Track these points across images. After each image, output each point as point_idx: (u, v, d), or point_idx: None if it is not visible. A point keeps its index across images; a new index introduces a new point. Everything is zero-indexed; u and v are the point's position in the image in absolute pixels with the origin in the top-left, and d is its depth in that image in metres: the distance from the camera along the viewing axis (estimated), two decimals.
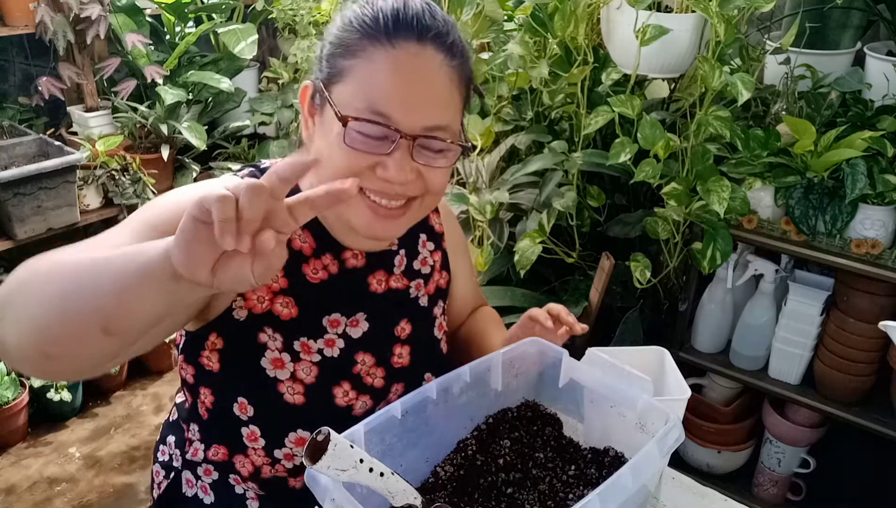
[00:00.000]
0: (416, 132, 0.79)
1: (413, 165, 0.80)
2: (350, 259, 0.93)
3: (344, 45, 0.80)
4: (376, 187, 0.81)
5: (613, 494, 0.68)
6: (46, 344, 0.63)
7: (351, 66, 0.79)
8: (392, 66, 0.77)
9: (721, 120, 1.57)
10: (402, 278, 0.99)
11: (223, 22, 2.70)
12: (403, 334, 0.99)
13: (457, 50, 0.81)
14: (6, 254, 2.32)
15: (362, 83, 0.78)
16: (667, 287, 1.87)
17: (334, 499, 0.67)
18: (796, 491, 1.94)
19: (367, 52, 0.78)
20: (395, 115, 0.77)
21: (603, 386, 0.89)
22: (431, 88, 0.79)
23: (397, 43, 0.77)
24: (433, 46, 0.79)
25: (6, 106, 2.50)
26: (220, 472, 0.95)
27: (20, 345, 0.64)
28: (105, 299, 0.61)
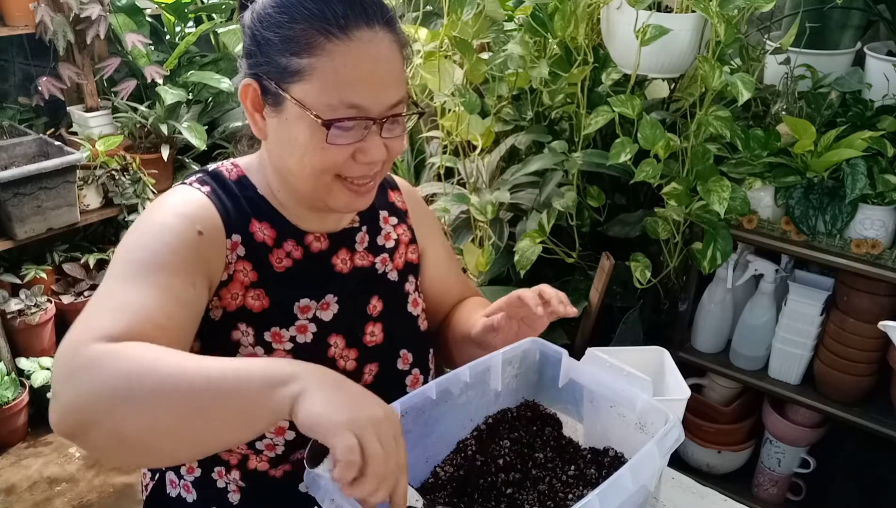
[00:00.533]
0: (383, 113, 0.83)
1: (383, 141, 0.85)
2: (313, 242, 0.94)
3: (294, 42, 0.80)
4: (360, 173, 0.86)
5: (613, 494, 0.68)
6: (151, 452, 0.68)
7: (310, 64, 0.80)
8: (354, 59, 0.80)
9: (721, 120, 1.57)
10: (367, 254, 1.00)
11: (223, 22, 2.70)
12: (375, 311, 1.00)
13: (396, 22, 0.85)
14: (6, 253, 2.32)
15: (328, 80, 0.79)
16: (667, 287, 1.87)
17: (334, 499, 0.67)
18: (796, 491, 1.94)
19: (326, 49, 0.79)
20: (366, 104, 0.81)
21: (603, 386, 0.89)
22: (389, 68, 0.83)
23: (351, 33, 0.79)
24: (380, 27, 0.82)
25: (6, 106, 2.50)
26: (204, 467, 0.95)
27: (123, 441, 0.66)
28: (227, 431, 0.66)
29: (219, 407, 0.64)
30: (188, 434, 0.65)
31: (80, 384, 0.66)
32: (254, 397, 0.64)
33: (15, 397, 2.22)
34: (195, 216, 0.85)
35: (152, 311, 0.74)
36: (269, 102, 0.84)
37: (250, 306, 0.89)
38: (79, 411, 0.65)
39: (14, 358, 2.28)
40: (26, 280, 2.33)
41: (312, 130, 0.81)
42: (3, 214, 2.17)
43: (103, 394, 0.64)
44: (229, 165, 0.95)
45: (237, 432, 0.67)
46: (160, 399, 0.64)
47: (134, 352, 0.67)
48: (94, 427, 0.64)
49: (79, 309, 2.40)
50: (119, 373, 0.65)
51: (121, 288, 0.76)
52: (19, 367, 2.28)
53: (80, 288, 2.44)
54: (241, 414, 0.65)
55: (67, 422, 0.65)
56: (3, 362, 2.23)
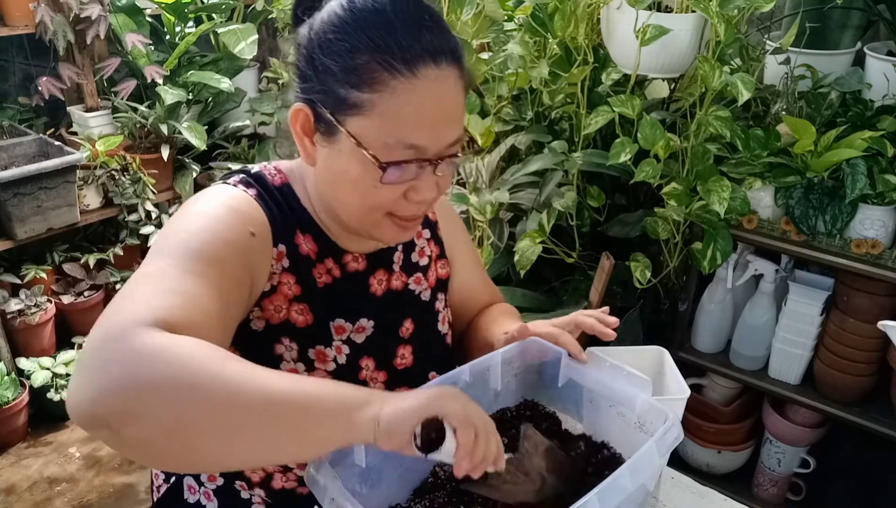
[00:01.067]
0: (441, 153, 0.79)
1: (436, 179, 0.81)
2: (351, 262, 0.92)
3: (357, 75, 0.75)
4: (412, 212, 0.83)
5: (612, 494, 0.68)
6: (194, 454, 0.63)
7: (370, 99, 0.75)
8: (418, 98, 0.75)
9: (721, 120, 1.57)
10: (402, 275, 0.98)
11: (223, 22, 2.70)
12: (407, 334, 0.98)
13: (463, 58, 0.80)
14: (6, 253, 2.32)
15: (389, 119, 0.75)
16: (667, 287, 1.87)
17: (334, 499, 0.67)
18: (796, 491, 1.94)
19: (389, 86, 0.74)
20: (425, 144, 0.77)
21: (602, 386, 0.89)
22: (452, 107, 0.79)
23: (417, 71, 0.74)
24: (447, 64, 0.77)
25: (6, 106, 2.50)
26: (226, 478, 0.93)
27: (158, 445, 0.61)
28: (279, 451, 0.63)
29: (291, 425, 0.62)
30: (246, 445, 0.62)
31: (131, 369, 0.59)
32: (331, 418, 0.62)
33: (15, 397, 2.22)
34: (247, 216, 0.82)
35: (204, 303, 0.70)
36: (322, 131, 0.80)
37: (294, 320, 0.87)
38: (127, 396, 0.59)
39: (14, 358, 2.28)
40: (26, 280, 2.33)
41: (366, 167, 0.77)
42: (3, 214, 2.17)
43: (164, 386, 0.59)
44: (272, 169, 0.90)
45: (305, 452, 0.66)
46: (227, 404, 0.60)
47: (200, 348, 0.62)
48: (140, 419, 0.59)
49: (79, 309, 2.42)
50: (184, 366, 0.60)
51: (172, 273, 0.71)
52: (19, 367, 2.28)
53: (80, 288, 2.44)
54: (319, 436, 0.63)
55: (108, 407, 0.59)
56: (3, 362, 2.23)
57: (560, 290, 1.94)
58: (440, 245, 1.05)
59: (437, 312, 1.03)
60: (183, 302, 0.67)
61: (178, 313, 0.66)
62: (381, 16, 0.75)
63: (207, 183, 2.71)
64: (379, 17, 0.75)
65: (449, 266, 1.06)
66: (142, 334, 0.61)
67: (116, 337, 0.61)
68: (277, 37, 2.85)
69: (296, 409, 0.62)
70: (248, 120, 2.76)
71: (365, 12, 0.76)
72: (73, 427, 2.38)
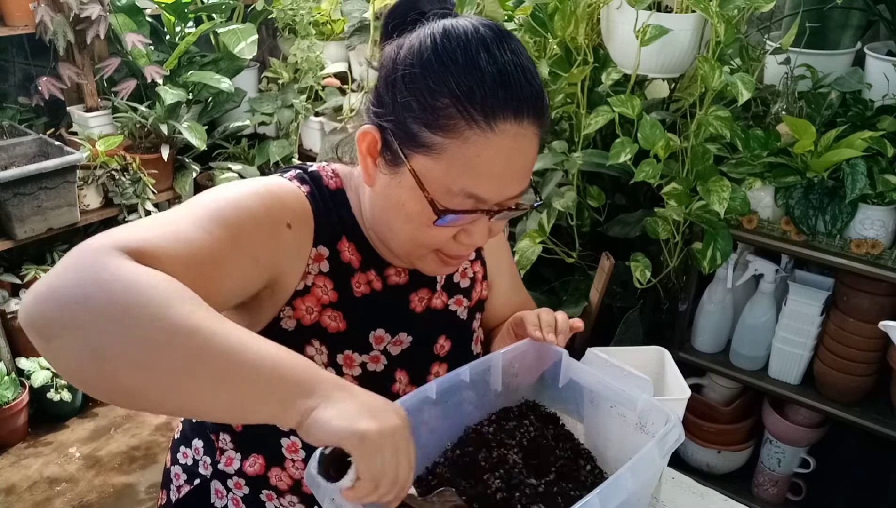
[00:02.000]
0: (502, 204, 0.78)
1: (490, 225, 0.80)
2: (392, 275, 0.91)
3: (433, 116, 0.72)
4: (456, 253, 0.82)
5: (613, 494, 0.68)
6: (125, 389, 0.59)
7: (442, 144, 0.73)
8: (491, 153, 0.73)
9: (721, 120, 1.57)
10: (443, 294, 0.97)
11: (223, 22, 2.70)
12: (442, 352, 0.98)
13: (546, 112, 0.77)
14: (6, 253, 2.32)
15: (456, 167, 0.73)
16: (667, 287, 1.87)
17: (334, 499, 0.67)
18: (796, 491, 1.94)
19: (464, 136, 0.72)
20: (488, 197, 0.76)
21: (603, 386, 0.89)
22: (523, 164, 0.77)
23: (496, 126, 0.72)
24: (528, 121, 0.74)
25: (6, 106, 2.50)
26: (252, 487, 0.92)
27: (87, 367, 0.58)
28: (215, 398, 0.60)
29: (230, 386, 0.59)
30: (173, 387, 0.58)
31: (85, 281, 0.57)
32: (266, 392, 0.60)
33: (15, 397, 2.22)
34: (290, 208, 0.81)
35: (197, 254, 0.67)
36: (387, 158, 0.78)
37: (325, 325, 0.86)
38: (66, 306, 0.56)
39: (14, 358, 2.28)
40: (26, 280, 2.33)
41: (422, 207, 0.75)
42: (3, 214, 2.17)
43: (104, 308, 0.56)
44: (330, 172, 0.89)
45: (228, 414, 0.63)
46: (165, 339, 0.57)
47: (163, 282, 0.59)
48: (71, 331, 0.56)
49: None
50: (134, 293, 0.57)
51: (180, 219, 0.69)
52: (19, 367, 2.28)
53: None
54: (246, 402, 0.60)
55: (45, 311, 0.57)
56: (3, 362, 2.23)
57: (560, 290, 1.94)
58: (485, 266, 1.04)
59: (472, 332, 1.03)
60: (171, 242, 0.65)
61: (159, 248, 0.64)
62: (471, 61, 0.72)
63: (207, 183, 2.71)
64: (469, 63, 0.72)
65: (489, 288, 1.06)
66: (109, 255, 0.59)
67: (85, 250, 0.60)
68: (277, 37, 2.85)
69: (234, 369, 0.59)
70: (248, 120, 2.76)
71: (456, 53, 0.73)
72: (73, 427, 2.38)
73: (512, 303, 1.11)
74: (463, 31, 0.74)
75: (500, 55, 0.73)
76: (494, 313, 1.09)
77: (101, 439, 2.34)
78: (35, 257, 2.43)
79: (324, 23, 2.71)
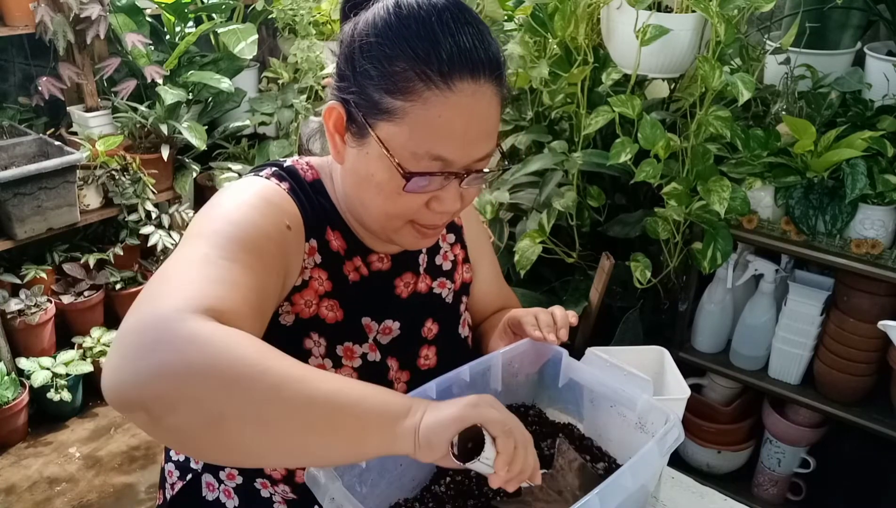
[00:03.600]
0: (469, 167, 0.79)
1: (461, 191, 0.81)
2: (375, 262, 0.93)
3: (392, 81, 0.74)
4: (432, 221, 0.83)
5: (613, 494, 0.68)
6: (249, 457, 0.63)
7: (403, 107, 0.74)
8: (451, 113, 0.74)
9: (721, 120, 1.57)
10: (427, 277, 0.98)
11: (223, 22, 2.70)
12: (430, 334, 0.99)
13: (503, 72, 0.79)
14: (6, 253, 2.32)
15: (419, 129, 0.75)
16: (667, 287, 1.87)
17: (334, 498, 0.67)
18: (796, 491, 1.94)
19: (423, 97, 0.73)
20: (452, 157, 0.77)
21: (603, 386, 0.89)
22: (484, 123, 0.78)
23: (454, 85, 0.74)
24: (485, 79, 0.76)
25: (6, 106, 2.50)
26: (245, 476, 0.93)
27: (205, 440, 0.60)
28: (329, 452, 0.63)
29: (334, 429, 0.61)
30: (285, 444, 0.61)
31: (179, 355, 0.58)
32: (374, 426, 0.62)
33: (15, 397, 2.22)
34: (283, 209, 0.82)
35: (249, 291, 0.69)
36: (353, 131, 0.80)
37: (324, 316, 0.87)
38: (173, 382, 0.57)
39: (14, 358, 2.28)
40: (26, 280, 2.33)
41: (391, 174, 0.77)
42: (3, 214, 2.17)
43: (211, 375, 0.57)
44: (304, 165, 0.91)
45: (345, 456, 0.65)
46: (272, 400, 0.59)
47: (248, 341, 0.61)
48: (186, 405, 0.57)
49: (79, 309, 2.42)
50: (235, 358, 0.58)
51: (216, 260, 0.69)
52: (19, 367, 2.28)
53: (80, 288, 2.44)
54: (361, 441, 0.62)
55: (150, 391, 0.57)
56: (3, 362, 2.23)
57: (560, 290, 1.94)
58: (465, 249, 1.05)
59: (459, 315, 1.03)
60: (229, 291, 0.66)
61: (227, 302, 0.65)
62: (424, 25, 0.74)
63: (207, 183, 2.71)
64: (422, 27, 0.74)
65: (472, 270, 1.07)
66: (191, 320, 0.60)
67: (164, 318, 0.60)
68: (277, 37, 2.85)
69: (340, 413, 0.61)
70: (248, 120, 2.76)
71: (409, 20, 0.75)
72: (73, 427, 2.38)
73: (494, 291, 1.12)
74: (415, 1, 0.76)
75: (452, 20, 0.75)
76: (479, 300, 1.10)
77: (101, 439, 2.34)
78: (35, 257, 2.43)
79: (324, 23, 2.71)
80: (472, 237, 1.07)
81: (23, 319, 2.26)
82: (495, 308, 1.13)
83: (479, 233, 1.10)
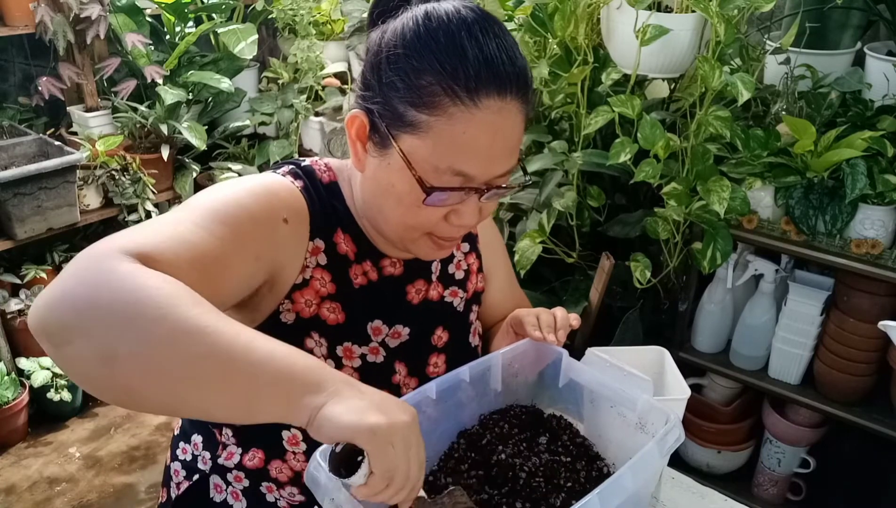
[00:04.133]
0: (490, 182, 0.79)
1: (479, 205, 0.81)
2: (388, 267, 0.92)
3: (417, 94, 0.74)
4: (447, 234, 0.83)
5: (613, 494, 0.68)
6: (132, 389, 0.59)
7: (427, 122, 0.74)
8: (475, 129, 0.74)
9: (721, 120, 1.57)
10: (439, 285, 0.98)
11: (223, 22, 2.70)
12: (440, 342, 0.98)
13: (530, 88, 0.79)
14: (6, 253, 2.32)
15: (442, 144, 0.74)
16: (667, 287, 1.87)
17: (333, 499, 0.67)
18: (796, 491, 1.94)
19: (448, 112, 0.73)
20: (474, 173, 0.77)
21: (603, 386, 0.89)
22: (508, 140, 0.78)
23: (480, 102, 0.73)
24: (512, 97, 0.76)
25: (6, 106, 2.50)
26: (252, 479, 0.93)
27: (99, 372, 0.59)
28: (225, 397, 0.60)
29: (237, 386, 0.59)
30: (182, 389, 0.59)
31: (92, 286, 0.58)
32: (273, 391, 0.60)
33: (15, 397, 2.22)
34: (285, 202, 0.82)
35: (202, 255, 0.68)
36: (375, 141, 0.79)
37: (324, 317, 0.87)
38: (75, 312, 0.57)
39: (14, 358, 2.28)
40: (26, 280, 2.33)
41: (412, 187, 0.77)
42: (3, 214, 2.17)
43: (112, 312, 0.57)
44: (322, 166, 0.91)
45: (234, 413, 0.62)
46: (173, 342, 0.57)
47: (169, 285, 0.60)
48: (81, 337, 0.57)
49: None
50: (142, 297, 0.58)
51: (181, 221, 0.70)
52: (19, 367, 2.28)
53: None
54: (253, 402, 0.60)
55: (54, 317, 0.58)
56: (3, 362, 2.23)
57: (560, 290, 1.94)
58: (480, 258, 1.05)
59: (469, 324, 1.03)
60: (175, 244, 0.67)
61: (167, 254, 0.65)
62: (453, 40, 0.74)
63: (207, 183, 2.71)
64: (451, 41, 0.74)
65: (485, 280, 1.06)
66: (115, 259, 0.61)
67: (92, 255, 0.61)
68: (277, 37, 2.85)
69: (234, 371, 0.59)
70: (248, 120, 2.76)
71: (438, 32, 0.74)
72: (73, 427, 2.38)
73: (507, 300, 1.11)
74: (445, 13, 0.75)
75: (481, 34, 0.74)
76: (491, 309, 1.10)
77: (101, 439, 2.34)
78: (35, 257, 2.43)
79: (324, 23, 2.71)
80: (487, 245, 1.07)
81: (23, 319, 2.26)
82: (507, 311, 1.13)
83: (495, 241, 1.10)
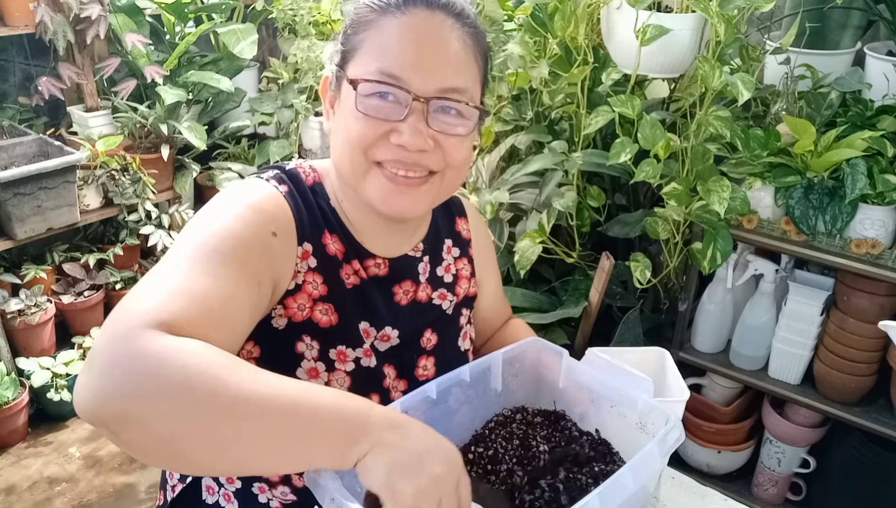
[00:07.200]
0: (429, 94, 0.78)
1: (429, 131, 0.80)
2: (371, 267, 0.91)
3: (357, 23, 0.81)
4: (393, 156, 0.80)
5: (613, 494, 0.68)
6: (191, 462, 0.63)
7: (362, 39, 0.80)
8: (402, 30, 0.78)
9: (721, 120, 1.57)
10: (427, 287, 0.97)
11: (223, 22, 2.70)
12: (429, 345, 0.98)
13: (467, 18, 0.83)
14: (6, 253, 2.32)
15: (373, 51, 0.79)
16: (667, 287, 1.87)
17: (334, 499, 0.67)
18: (796, 491, 1.94)
19: (379, 24, 0.79)
20: (407, 77, 0.78)
21: (603, 387, 0.89)
22: (443, 50, 0.80)
23: (408, 10, 0.79)
24: (443, 12, 0.80)
25: (6, 106, 2.50)
26: (244, 481, 0.92)
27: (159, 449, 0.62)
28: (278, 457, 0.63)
29: (295, 445, 0.62)
30: (242, 455, 0.62)
31: (133, 374, 0.60)
32: (334, 446, 0.63)
33: (15, 397, 2.22)
34: (271, 215, 0.81)
35: (213, 303, 0.69)
36: (334, 89, 0.85)
37: (317, 320, 0.86)
38: (126, 402, 0.59)
39: (14, 358, 2.28)
40: (26, 280, 2.33)
41: (351, 102, 0.80)
42: (3, 214, 2.17)
43: (160, 394, 0.59)
44: (307, 168, 0.91)
45: (297, 468, 0.66)
46: (227, 414, 0.60)
47: (203, 354, 0.62)
48: (139, 425, 0.59)
49: (79, 309, 2.42)
50: (186, 376, 0.60)
51: (184, 271, 0.71)
52: (19, 367, 2.28)
53: (80, 288, 2.44)
54: (311, 456, 0.64)
55: (107, 410, 0.59)
56: (3, 362, 2.23)
57: (560, 290, 1.94)
58: (472, 264, 1.05)
59: (459, 327, 1.03)
60: (189, 303, 0.67)
61: (184, 314, 0.66)
62: None
63: (207, 183, 2.71)
64: None
65: (477, 286, 1.06)
66: (145, 337, 0.62)
67: (121, 338, 0.62)
68: (277, 37, 2.85)
69: (295, 427, 0.62)
70: (248, 120, 2.76)
71: None
72: (73, 427, 2.38)
73: (493, 308, 1.12)
74: None
75: None
76: (484, 314, 1.10)
77: (101, 439, 2.34)
78: (35, 257, 2.43)
79: (324, 23, 2.71)
80: (479, 250, 1.06)
81: (23, 319, 2.26)
82: (500, 321, 1.14)
83: (486, 246, 1.10)
